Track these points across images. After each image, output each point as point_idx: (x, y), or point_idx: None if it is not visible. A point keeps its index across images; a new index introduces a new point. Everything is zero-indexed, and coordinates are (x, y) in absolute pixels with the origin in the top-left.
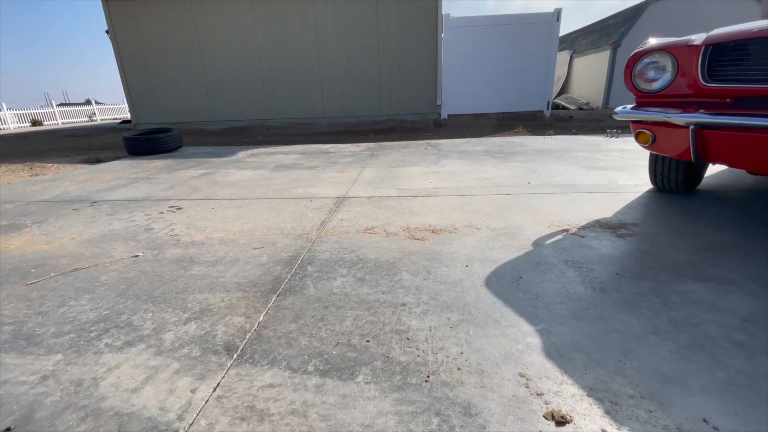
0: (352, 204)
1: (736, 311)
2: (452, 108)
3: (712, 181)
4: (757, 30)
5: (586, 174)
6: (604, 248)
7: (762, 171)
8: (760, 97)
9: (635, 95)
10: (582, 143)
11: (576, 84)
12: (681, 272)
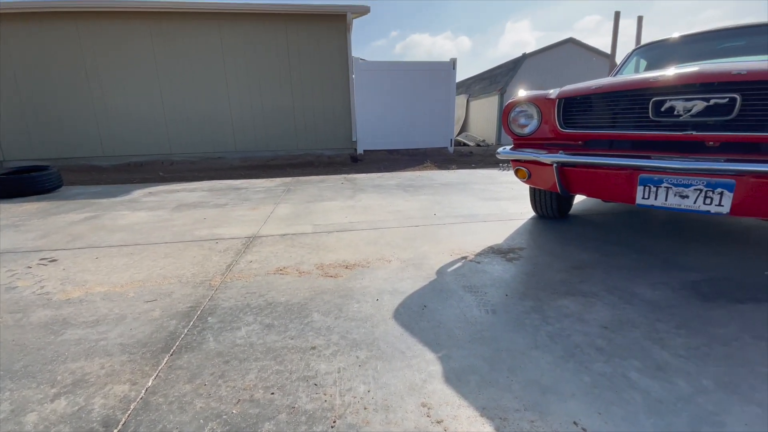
0: (263, 243)
1: (598, 320)
2: (368, 144)
3: (580, 207)
4: (594, 87)
5: (482, 204)
6: (496, 272)
7: (611, 199)
8: (601, 140)
9: (512, 138)
10: (480, 176)
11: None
12: (556, 289)
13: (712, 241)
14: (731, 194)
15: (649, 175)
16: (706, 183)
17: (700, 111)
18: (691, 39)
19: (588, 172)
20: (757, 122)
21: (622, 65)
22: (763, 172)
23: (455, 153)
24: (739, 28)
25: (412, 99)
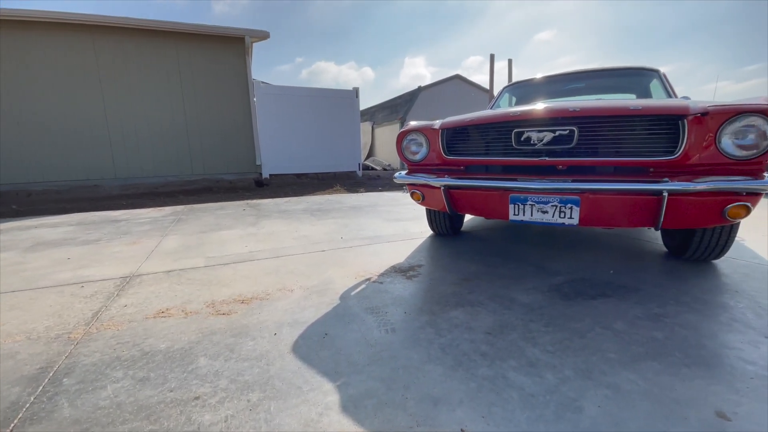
0: (143, 283)
1: (483, 327)
2: (274, 168)
3: (471, 224)
4: (469, 120)
5: (387, 226)
6: (397, 291)
7: (491, 216)
8: (478, 165)
9: (406, 163)
10: (386, 199)
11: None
12: (448, 302)
13: (573, 248)
14: (578, 208)
15: (517, 195)
16: (559, 200)
17: (550, 140)
18: (547, 80)
19: (469, 193)
20: (591, 149)
21: (497, 100)
22: (598, 189)
23: (364, 176)
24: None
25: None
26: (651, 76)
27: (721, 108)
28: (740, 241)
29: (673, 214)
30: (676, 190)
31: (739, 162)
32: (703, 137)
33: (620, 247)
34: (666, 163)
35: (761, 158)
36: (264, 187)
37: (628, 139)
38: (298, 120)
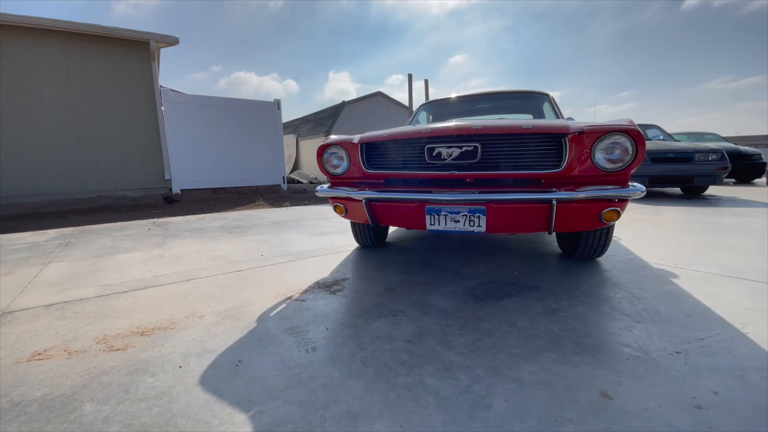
0: (15, 321)
1: (403, 336)
2: (186, 182)
3: (395, 235)
4: (385, 135)
5: (313, 240)
6: (320, 307)
7: (411, 227)
8: (397, 178)
9: (328, 177)
10: (312, 212)
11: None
12: (371, 313)
13: (485, 253)
14: (485, 217)
15: (432, 206)
16: (469, 210)
17: (458, 156)
18: (459, 99)
19: (390, 206)
20: (493, 163)
21: (414, 116)
22: (500, 200)
23: (289, 190)
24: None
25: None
26: (543, 99)
27: (593, 128)
28: (617, 240)
29: (562, 219)
30: (562, 199)
31: (610, 173)
32: (581, 153)
33: (524, 251)
34: (553, 175)
35: (626, 170)
36: (174, 203)
37: (522, 155)
38: (215, 131)
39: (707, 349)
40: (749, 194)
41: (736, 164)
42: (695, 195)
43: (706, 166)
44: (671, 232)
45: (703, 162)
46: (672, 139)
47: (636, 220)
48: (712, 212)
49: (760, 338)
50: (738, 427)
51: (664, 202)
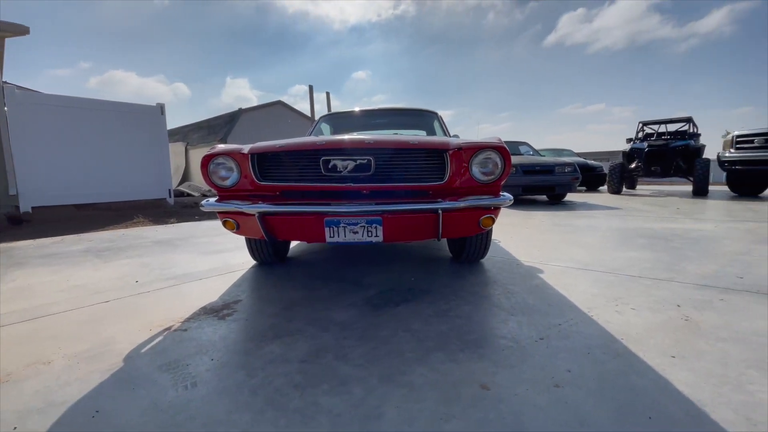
0: None
1: (299, 356)
2: (40, 198)
3: (298, 249)
4: (278, 146)
5: (203, 260)
6: (204, 336)
7: (310, 240)
8: (293, 191)
9: (216, 190)
10: (205, 229)
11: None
12: (265, 336)
13: (386, 262)
14: (381, 227)
15: (331, 218)
16: (366, 221)
17: (353, 168)
18: (359, 113)
19: (286, 219)
20: (387, 176)
21: (314, 128)
22: (394, 210)
23: (177, 204)
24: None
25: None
26: (433, 117)
27: (469, 144)
28: (497, 242)
29: (447, 226)
30: (446, 208)
31: (485, 184)
32: (461, 167)
33: (421, 257)
34: (438, 187)
35: (498, 181)
36: (22, 225)
37: (411, 168)
38: (81, 138)
39: (563, 333)
40: (595, 199)
41: (585, 175)
42: (557, 201)
43: (563, 177)
44: (539, 234)
45: (562, 174)
46: (538, 154)
47: (513, 224)
48: (569, 215)
49: (602, 319)
50: (587, 398)
51: (534, 207)
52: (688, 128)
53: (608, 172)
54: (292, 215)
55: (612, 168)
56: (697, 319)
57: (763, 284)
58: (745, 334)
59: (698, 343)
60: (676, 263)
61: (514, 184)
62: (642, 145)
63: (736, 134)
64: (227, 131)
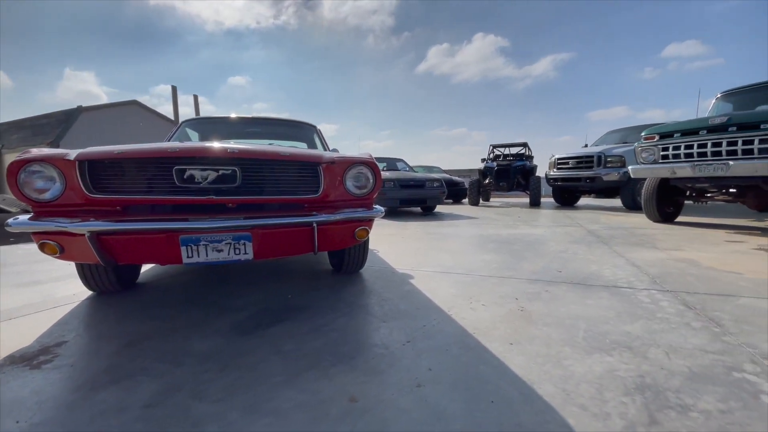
0: None
1: (141, 400)
2: None
3: (152, 272)
4: (117, 152)
5: (14, 294)
6: (9, 393)
7: (161, 262)
8: (139, 205)
9: (30, 205)
10: (22, 254)
11: None
12: (98, 382)
13: (261, 279)
14: (251, 244)
15: (188, 236)
16: (233, 237)
17: (215, 179)
18: (230, 120)
19: (129, 238)
20: (257, 188)
21: (174, 133)
22: (265, 225)
23: None
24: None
25: None
26: (312, 130)
27: (342, 159)
28: (376, 252)
29: (324, 240)
30: (322, 221)
31: (358, 198)
32: (335, 180)
33: (301, 272)
34: (313, 200)
35: (370, 195)
36: None
37: (284, 180)
38: None
39: (428, 334)
40: (459, 210)
41: (451, 189)
42: (429, 212)
43: (433, 191)
44: (413, 242)
45: (431, 188)
46: (412, 170)
47: (391, 234)
48: (439, 225)
49: (459, 317)
50: (444, 394)
51: (410, 218)
52: (525, 151)
53: (468, 187)
54: (136, 234)
55: (471, 183)
56: (530, 309)
57: (575, 276)
58: (563, 318)
59: (530, 330)
60: (516, 263)
61: (392, 197)
62: (492, 164)
63: (557, 157)
64: (60, 133)
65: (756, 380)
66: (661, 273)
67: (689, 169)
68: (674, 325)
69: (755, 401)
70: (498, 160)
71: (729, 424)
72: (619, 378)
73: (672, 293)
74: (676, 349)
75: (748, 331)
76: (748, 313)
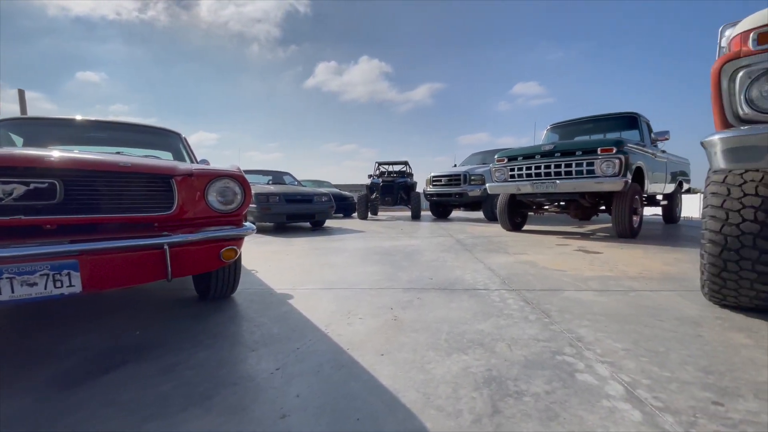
0: None
1: None
2: None
3: None
4: None
5: None
6: None
7: None
8: None
9: None
10: None
11: None
12: None
13: (107, 313)
14: (78, 273)
15: None
16: (50, 267)
17: (23, 195)
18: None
19: None
20: (86, 206)
21: None
22: (97, 249)
23: None
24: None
25: None
26: (177, 138)
27: (202, 171)
28: (254, 273)
29: (180, 263)
30: (176, 242)
31: (225, 214)
32: (194, 194)
33: (158, 301)
34: (166, 217)
35: (239, 211)
36: None
37: (128, 195)
38: None
39: (300, 357)
40: (349, 224)
41: (341, 204)
42: (318, 227)
43: (322, 206)
44: (297, 258)
45: (320, 202)
46: (300, 184)
47: (275, 251)
48: (326, 239)
49: (335, 334)
50: (310, 420)
51: (298, 234)
52: (406, 169)
53: (357, 201)
54: None
55: (359, 198)
56: (402, 317)
57: (443, 282)
58: (430, 323)
59: (401, 338)
60: (395, 273)
61: (279, 212)
62: (378, 180)
63: (432, 175)
64: None
65: (573, 361)
66: (509, 274)
67: (530, 187)
68: (516, 319)
69: (572, 379)
70: (383, 177)
71: (552, 403)
72: (472, 374)
73: (516, 291)
74: (517, 341)
75: (569, 319)
76: (570, 303)
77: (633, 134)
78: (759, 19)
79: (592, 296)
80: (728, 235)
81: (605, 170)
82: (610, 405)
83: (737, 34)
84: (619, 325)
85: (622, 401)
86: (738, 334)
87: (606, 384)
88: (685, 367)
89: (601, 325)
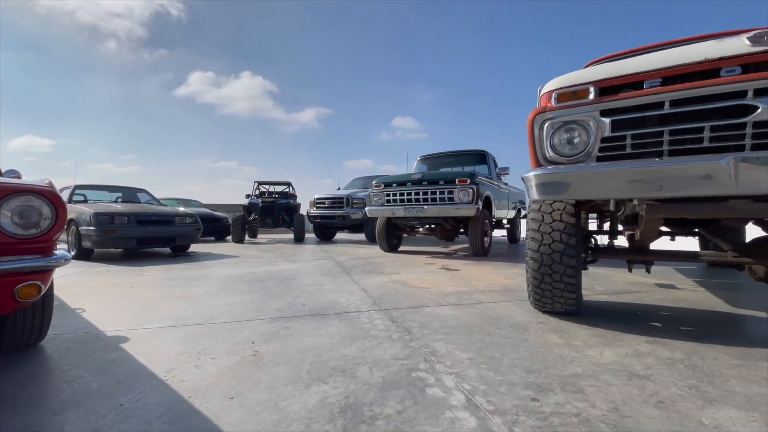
0: None
1: None
2: None
3: None
4: None
5: None
6: None
7: None
8: None
9: None
10: None
11: None
12: None
13: None
14: None
15: None
16: None
17: None
18: None
19: None
20: None
21: None
22: None
23: None
24: None
25: None
26: None
27: None
28: (81, 312)
29: None
30: None
31: (27, 240)
32: None
33: None
34: None
35: (48, 236)
36: None
37: None
38: None
39: (123, 415)
40: (220, 249)
41: (213, 226)
42: (182, 253)
43: (185, 228)
44: (144, 292)
45: (183, 225)
46: (159, 203)
47: (115, 284)
48: (188, 267)
49: (178, 380)
50: None
51: (151, 262)
52: (289, 190)
53: (231, 223)
54: None
55: (234, 220)
56: (264, 350)
57: (316, 307)
58: (294, 354)
59: (258, 375)
60: (264, 302)
61: (126, 236)
62: (257, 201)
63: (316, 197)
64: None
65: (425, 375)
66: (381, 294)
67: (403, 211)
68: (381, 340)
69: (422, 395)
70: (263, 197)
71: (402, 423)
72: (329, 405)
73: (384, 311)
74: (378, 362)
75: (427, 334)
76: (429, 319)
77: (483, 168)
78: (561, 81)
79: (449, 311)
80: (543, 253)
81: (462, 198)
82: (452, 415)
83: (545, 92)
84: (468, 336)
85: (462, 410)
86: (553, 335)
87: (450, 395)
88: (514, 369)
89: (453, 338)
